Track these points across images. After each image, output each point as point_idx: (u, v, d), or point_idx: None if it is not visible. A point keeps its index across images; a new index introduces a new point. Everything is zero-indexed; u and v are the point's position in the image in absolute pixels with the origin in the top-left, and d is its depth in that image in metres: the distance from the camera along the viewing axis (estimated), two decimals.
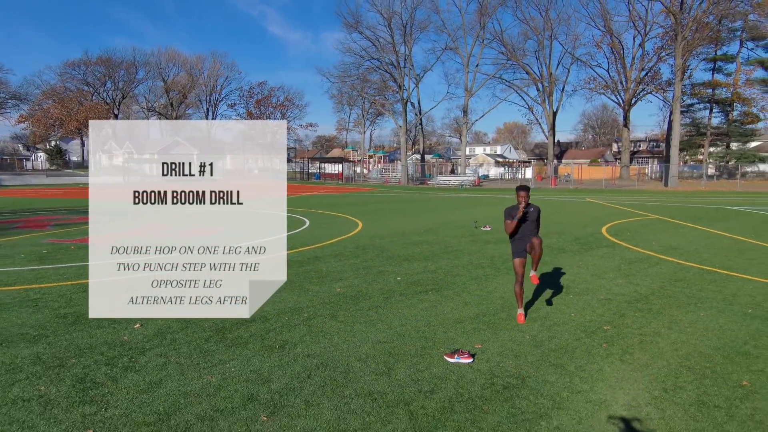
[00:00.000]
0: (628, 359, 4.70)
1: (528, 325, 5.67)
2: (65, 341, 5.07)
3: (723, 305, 6.50)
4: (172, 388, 4.01)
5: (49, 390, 3.98)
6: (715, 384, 4.18)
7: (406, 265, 9.02)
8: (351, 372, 4.36)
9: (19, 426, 3.43)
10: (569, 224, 15.45)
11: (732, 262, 9.36)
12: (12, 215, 18.24)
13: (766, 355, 4.79)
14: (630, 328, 5.57)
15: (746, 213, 19.64)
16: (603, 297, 6.90)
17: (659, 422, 3.55)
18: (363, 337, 5.26)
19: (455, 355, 4.62)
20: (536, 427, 3.47)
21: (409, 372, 4.37)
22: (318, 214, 18.26)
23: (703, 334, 5.38)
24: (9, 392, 3.94)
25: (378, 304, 6.47)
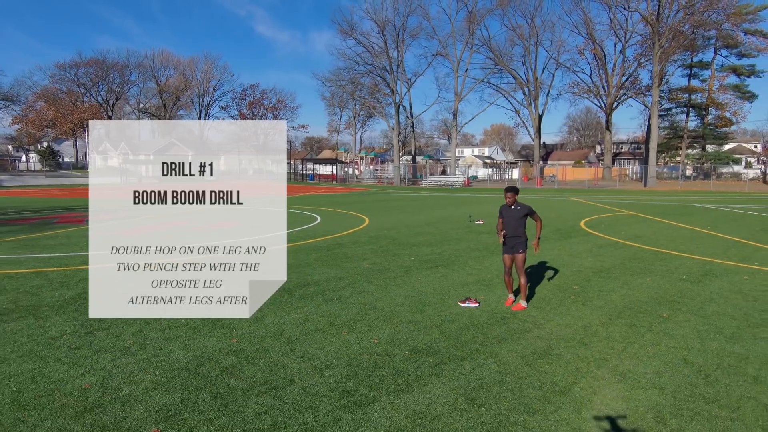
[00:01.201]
0: (588, 304, 6.61)
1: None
2: None
3: (665, 274, 8.47)
4: (274, 320, 5.81)
5: (188, 321, 5.73)
6: (645, 315, 6.10)
7: (416, 249, 10.87)
8: (394, 311, 6.20)
9: (185, 338, 5.19)
10: (553, 219, 17.44)
11: (684, 247, 11.39)
12: (41, 212, 19.69)
13: (685, 301, 6.74)
14: (592, 287, 7.50)
15: (711, 210, 21.88)
16: (575, 269, 8.83)
17: (603, 333, 5.45)
18: (396, 292, 7.10)
19: (466, 302, 6.48)
20: (525, 335, 5.35)
21: (435, 311, 6.22)
22: (326, 211, 20.04)
23: (644, 290, 7.33)
24: (161, 322, 5.68)
25: (400, 275, 8.30)
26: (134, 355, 4.73)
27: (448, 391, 4.05)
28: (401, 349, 4.92)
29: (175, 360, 4.62)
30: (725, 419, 3.64)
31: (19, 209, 20.77)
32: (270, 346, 4.99)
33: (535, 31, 57.65)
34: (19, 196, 30.51)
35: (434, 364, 4.58)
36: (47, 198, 28.64)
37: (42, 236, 12.26)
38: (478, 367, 4.52)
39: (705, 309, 6.39)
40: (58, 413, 3.63)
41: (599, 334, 5.43)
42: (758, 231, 14.22)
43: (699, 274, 8.43)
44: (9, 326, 5.51)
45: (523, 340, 5.22)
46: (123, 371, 4.36)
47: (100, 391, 3.98)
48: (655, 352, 4.92)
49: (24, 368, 4.40)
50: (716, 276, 8.34)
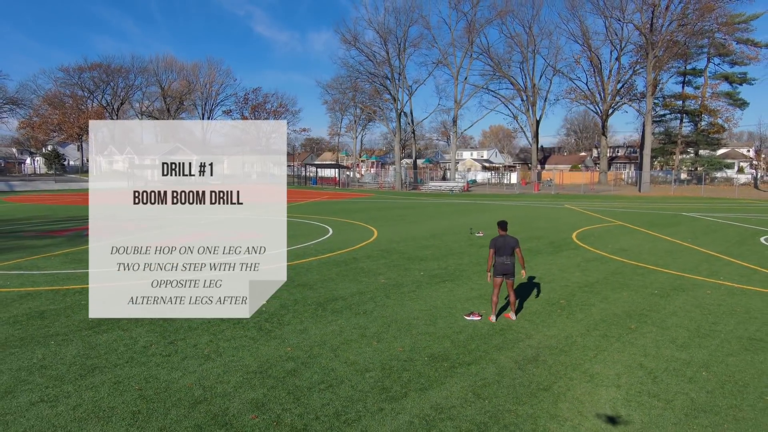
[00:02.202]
0: (571, 317, 8.01)
1: None
2: None
3: (640, 288, 9.87)
4: (317, 332, 7.19)
5: (246, 333, 7.11)
6: (617, 327, 7.50)
7: (424, 264, 12.25)
8: (412, 324, 7.58)
9: (249, 347, 6.57)
10: (547, 230, 18.87)
11: (662, 261, 12.79)
12: (66, 223, 20.96)
13: (651, 315, 8.15)
14: (576, 302, 8.89)
15: (696, 219, 23.33)
16: (563, 284, 10.23)
17: (581, 343, 6.84)
18: (411, 307, 8.48)
19: (470, 315, 7.87)
20: (519, 344, 6.74)
21: (446, 323, 7.61)
22: (335, 222, 21.42)
23: (620, 304, 8.73)
24: (224, 333, 7.05)
25: (413, 290, 9.68)
26: (214, 360, 6.11)
27: (459, 388, 5.43)
28: (421, 356, 6.31)
29: (247, 365, 6.00)
30: (661, 408, 5.03)
31: (47, 219, 22.07)
32: (318, 353, 6.37)
33: (532, 39, 59.20)
34: (35, 203, 31.78)
35: (448, 367, 5.97)
36: (66, 205, 29.89)
37: (81, 250, 13.61)
38: (481, 370, 5.91)
39: (666, 321, 7.79)
40: (177, 405, 5.00)
41: (577, 344, 6.82)
42: (733, 244, 15.64)
43: (669, 289, 9.84)
44: (104, 337, 6.87)
45: (517, 348, 6.61)
46: (212, 373, 5.74)
47: (201, 389, 5.35)
48: (618, 358, 6.32)
49: (135, 372, 5.77)
50: (683, 291, 9.74)
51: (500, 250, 7.75)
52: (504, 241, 7.77)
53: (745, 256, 13.59)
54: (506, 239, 7.77)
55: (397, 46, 53.25)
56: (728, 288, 10.00)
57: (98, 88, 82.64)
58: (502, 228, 7.90)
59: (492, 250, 7.79)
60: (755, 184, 54.46)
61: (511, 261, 7.73)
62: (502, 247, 7.75)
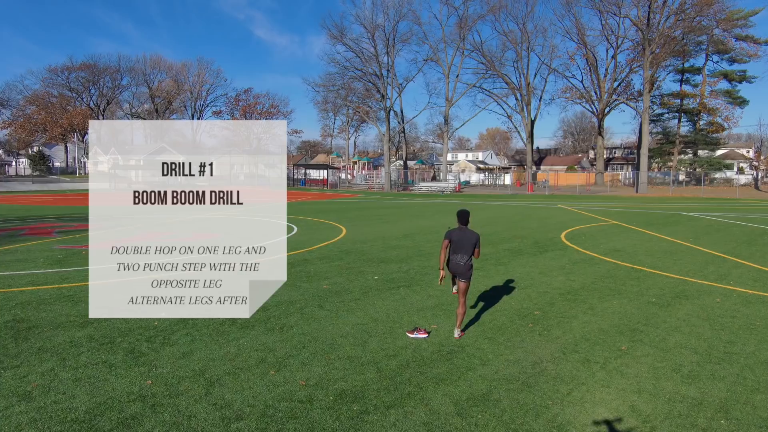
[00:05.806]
0: (545, 334, 6.23)
1: (475, 311, 7.17)
2: (108, 325, 6.39)
3: (635, 296, 8.09)
4: (202, 356, 5.40)
5: (108, 357, 5.32)
6: (602, 348, 5.72)
7: (383, 266, 10.47)
8: (335, 344, 5.79)
9: (96, 379, 4.79)
10: (534, 229, 17.09)
11: (660, 262, 11.03)
12: (13, 222, 19.20)
13: (648, 330, 6.37)
14: (554, 313, 7.11)
15: (697, 219, 21.58)
16: (542, 290, 8.45)
17: (552, 372, 5.06)
18: (345, 320, 6.69)
19: (414, 332, 6.09)
20: (467, 375, 4.96)
21: (379, 344, 5.82)
22: (306, 221, 19.62)
23: (608, 316, 6.95)
24: (79, 359, 5.27)
25: (357, 297, 7.90)
26: (21, 405, 4.31)
27: None
28: (326, 394, 4.52)
29: (75, 407, 4.20)
30: None
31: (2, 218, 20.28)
32: (185, 390, 4.58)
33: (527, 37, 57.59)
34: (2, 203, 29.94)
35: (357, 413, 4.18)
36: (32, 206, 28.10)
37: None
38: (403, 417, 4.12)
39: (667, 340, 6.01)
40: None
41: (547, 373, 5.04)
42: (741, 244, 13.89)
43: (670, 296, 8.07)
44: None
45: (463, 381, 4.82)
46: None
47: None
48: (602, 397, 4.53)
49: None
50: (688, 298, 7.97)
51: (456, 245, 6.08)
52: (462, 235, 6.08)
53: (756, 257, 11.83)
54: (465, 233, 6.08)
55: (385, 42, 51.58)
56: (742, 295, 8.24)
57: (86, 89, 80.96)
58: (462, 220, 6.18)
59: (446, 242, 6.11)
60: (756, 185, 52.84)
61: (466, 260, 6.01)
62: (458, 242, 6.07)
